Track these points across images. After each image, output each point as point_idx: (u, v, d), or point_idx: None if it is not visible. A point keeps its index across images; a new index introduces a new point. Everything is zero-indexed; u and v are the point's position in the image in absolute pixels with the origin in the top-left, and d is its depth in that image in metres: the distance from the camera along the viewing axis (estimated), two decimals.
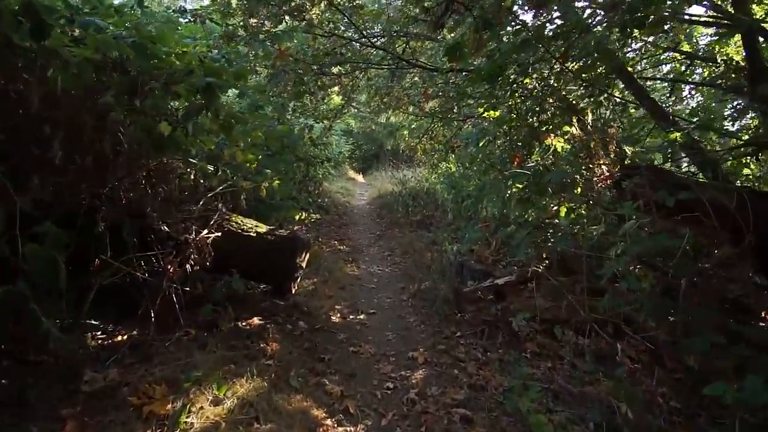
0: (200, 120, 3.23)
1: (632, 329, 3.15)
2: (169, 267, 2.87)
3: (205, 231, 3.21)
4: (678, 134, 3.79)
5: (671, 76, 5.88)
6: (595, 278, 3.41)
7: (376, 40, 5.77)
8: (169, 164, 3.25)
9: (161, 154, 2.79)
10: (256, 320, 3.24)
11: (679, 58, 5.51)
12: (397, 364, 3.03)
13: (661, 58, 5.76)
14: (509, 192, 4.65)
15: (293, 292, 3.61)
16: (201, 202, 3.44)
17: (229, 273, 3.49)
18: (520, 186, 4.12)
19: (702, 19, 4.57)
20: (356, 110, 11.73)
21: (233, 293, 3.36)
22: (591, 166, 4.00)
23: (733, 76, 4.40)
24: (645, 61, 5.84)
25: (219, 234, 3.28)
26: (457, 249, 5.12)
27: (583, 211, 3.69)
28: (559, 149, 4.09)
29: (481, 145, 5.05)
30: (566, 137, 4.13)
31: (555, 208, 3.71)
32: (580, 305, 3.27)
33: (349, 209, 9.94)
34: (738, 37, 5.63)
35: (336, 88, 7.69)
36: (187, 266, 3.04)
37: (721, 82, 4.75)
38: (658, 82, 6.37)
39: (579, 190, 3.73)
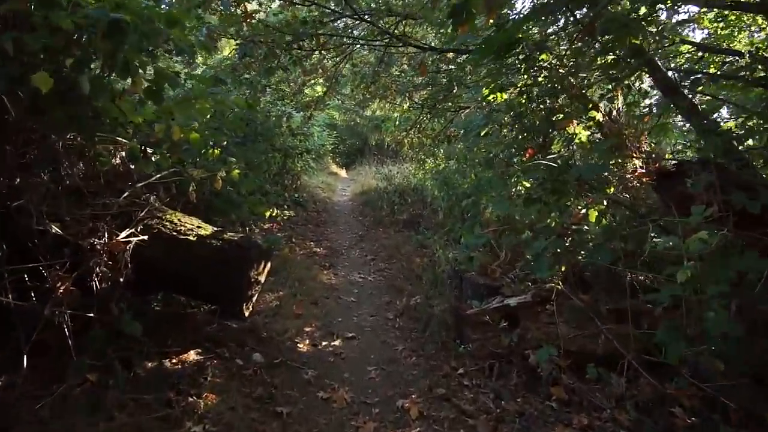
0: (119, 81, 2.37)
1: (688, 372, 2.45)
2: (58, 284, 2.01)
3: (124, 233, 2.36)
4: (733, 124, 3.16)
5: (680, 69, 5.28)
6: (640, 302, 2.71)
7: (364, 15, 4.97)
8: (75, 140, 2.38)
9: (40, 119, 1.91)
10: (192, 354, 2.41)
11: (690, 50, 4.92)
12: (383, 420, 2.23)
13: (673, 48, 5.15)
14: (514, 190, 3.90)
15: (247, 314, 2.77)
16: (125, 195, 2.59)
17: (165, 289, 2.68)
18: (528, 184, 3.38)
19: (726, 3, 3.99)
20: (339, 101, 10.94)
21: (164, 315, 2.53)
22: (620, 160, 3.29)
23: (759, 67, 3.82)
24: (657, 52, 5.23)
25: (145, 237, 2.43)
26: (453, 256, 4.35)
27: (617, 216, 2.98)
28: (584, 139, 3.34)
29: (483, 134, 4.28)
30: (590, 125, 3.40)
31: (583, 211, 2.98)
32: (616, 337, 2.54)
33: (330, 206, 9.08)
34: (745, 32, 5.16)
35: (320, 79, 6.97)
36: (93, 282, 2.19)
37: (744, 74, 4.16)
38: (674, 73, 5.76)
39: (612, 189, 3.01)
